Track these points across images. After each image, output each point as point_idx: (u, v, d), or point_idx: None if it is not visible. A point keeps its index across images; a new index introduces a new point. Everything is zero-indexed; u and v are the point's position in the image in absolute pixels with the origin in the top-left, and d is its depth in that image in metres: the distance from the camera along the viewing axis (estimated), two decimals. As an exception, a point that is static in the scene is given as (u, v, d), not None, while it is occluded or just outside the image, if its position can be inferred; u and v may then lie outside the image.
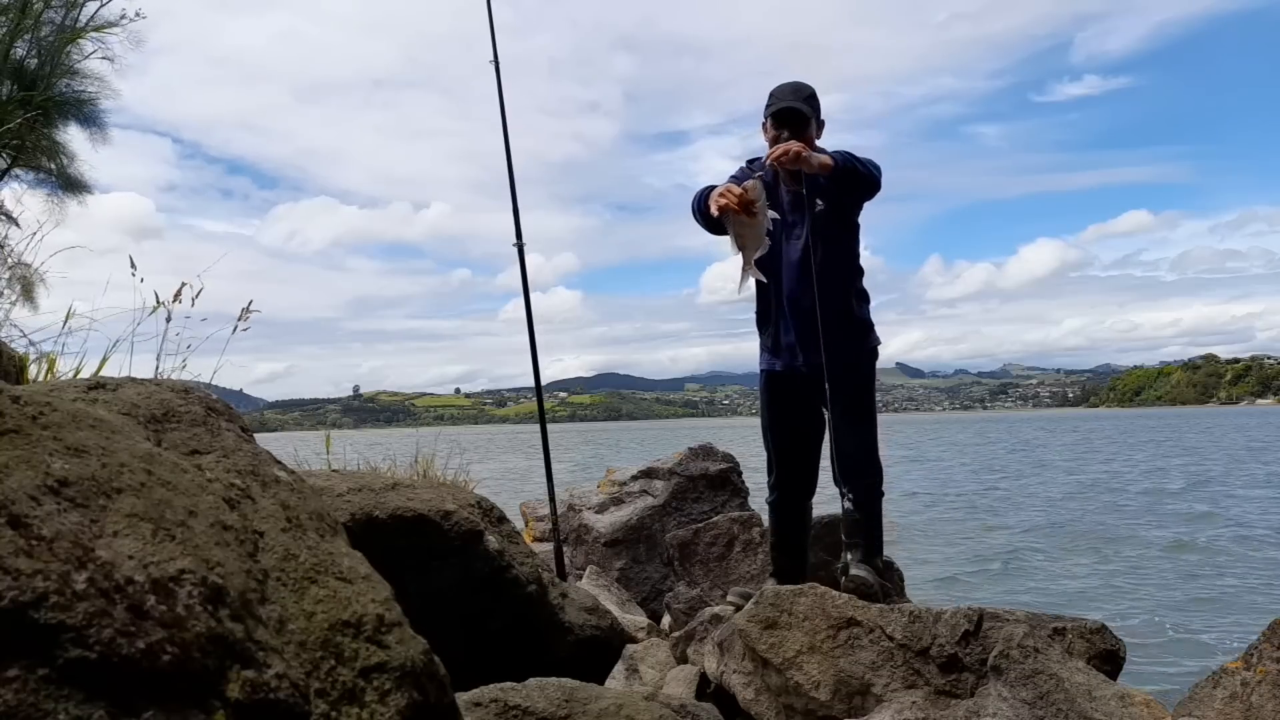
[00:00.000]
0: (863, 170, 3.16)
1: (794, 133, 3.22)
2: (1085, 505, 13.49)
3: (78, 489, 0.87)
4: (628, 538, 4.78)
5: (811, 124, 3.29)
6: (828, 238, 3.29)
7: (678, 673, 3.26)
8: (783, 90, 3.35)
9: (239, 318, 2.84)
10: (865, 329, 3.46)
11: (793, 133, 3.22)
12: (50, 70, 5.26)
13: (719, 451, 5.19)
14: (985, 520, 12.00)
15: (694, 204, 3.32)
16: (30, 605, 0.72)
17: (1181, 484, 16.70)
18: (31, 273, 4.44)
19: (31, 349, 2.46)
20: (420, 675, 1.09)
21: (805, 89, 3.34)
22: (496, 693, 1.75)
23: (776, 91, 3.36)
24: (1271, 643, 2.50)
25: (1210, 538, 9.92)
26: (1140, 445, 32.35)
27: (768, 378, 3.52)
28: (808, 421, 3.42)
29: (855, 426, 3.36)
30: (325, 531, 1.20)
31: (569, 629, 2.60)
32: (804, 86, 3.35)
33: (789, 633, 2.76)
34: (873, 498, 3.38)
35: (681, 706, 1.94)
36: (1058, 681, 2.36)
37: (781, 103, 3.28)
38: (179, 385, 1.35)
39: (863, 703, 2.63)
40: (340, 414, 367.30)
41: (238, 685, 0.84)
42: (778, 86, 3.37)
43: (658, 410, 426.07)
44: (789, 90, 3.34)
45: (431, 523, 2.21)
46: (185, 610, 0.83)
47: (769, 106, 3.33)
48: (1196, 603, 6.79)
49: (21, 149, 5.31)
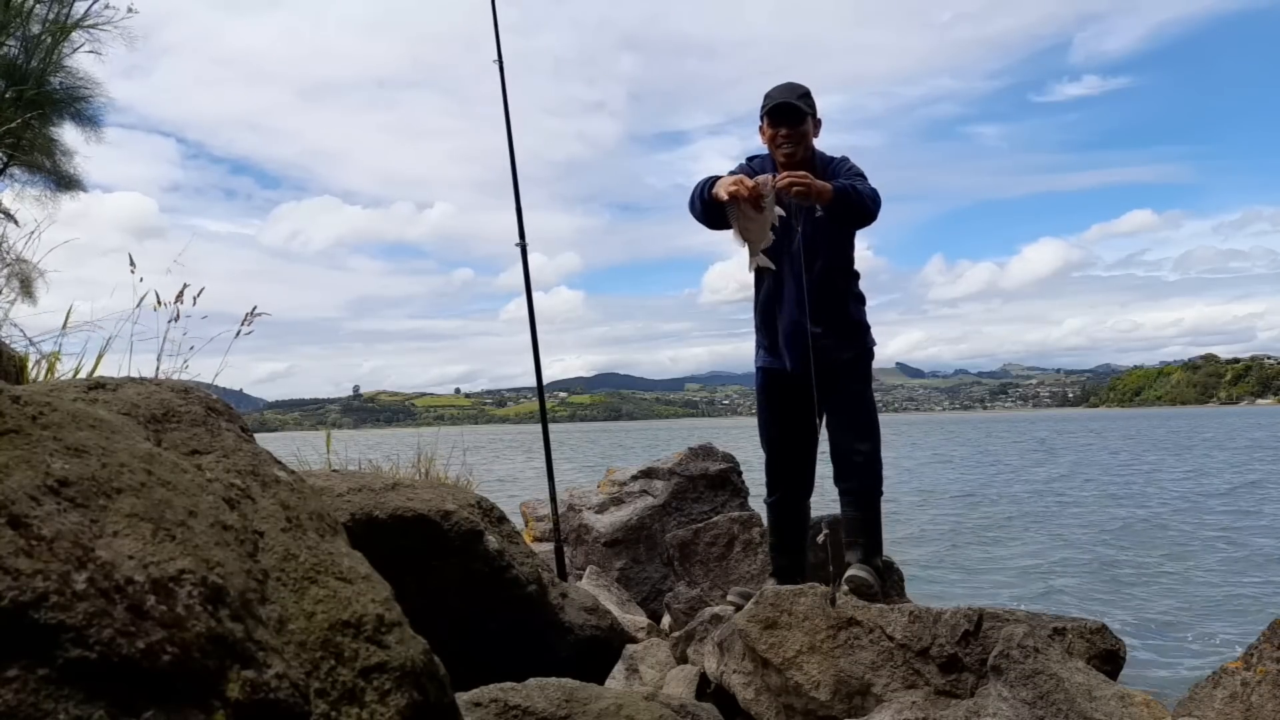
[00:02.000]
0: (857, 206, 3.19)
1: (790, 128, 3.28)
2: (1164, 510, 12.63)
3: (78, 489, 0.87)
4: (628, 538, 4.78)
5: (808, 120, 3.34)
6: (826, 241, 3.32)
7: (678, 673, 3.26)
8: (778, 89, 3.40)
9: (243, 321, 2.84)
10: (861, 330, 3.49)
11: (789, 127, 3.28)
12: (43, 67, 5.26)
13: (719, 451, 5.19)
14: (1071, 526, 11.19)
15: (695, 193, 3.29)
16: (30, 605, 0.72)
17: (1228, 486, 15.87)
18: (30, 269, 4.44)
19: (33, 349, 2.46)
20: (420, 675, 1.09)
21: (800, 88, 3.39)
22: (496, 693, 1.75)
23: (772, 91, 3.41)
24: (1271, 643, 2.49)
25: (1209, 538, 9.92)
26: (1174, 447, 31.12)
27: (765, 376, 3.53)
28: (805, 421, 3.42)
29: (854, 426, 3.38)
30: (325, 531, 1.20)
31: (569, 629, 2.60)
32: (798, 85, 3.40)
33: (789, 633, 2.76)
34: (873, 497, 3.38)
35: (681, 706, 1.94)
36: (1058, 681, 2.36)
37: (777, 99, 3.32)
38: (179, 385, 1.35)
39: (863, 703, 2.63)
40: (340, 414, 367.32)
41: (238, 685, 0.84)
42: (773, 88, 3.42)
43: (658, 410, 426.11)
44: (784, 88, 3.39)
45: (431, 523, 2.21)
46: (185, 610, 0.83)
47: (765, 105, 3.37)
48: (1196, 602, 6.79)
49: (17, 146, 5.31)
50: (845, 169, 3.37)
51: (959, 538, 10.38)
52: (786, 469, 3.48)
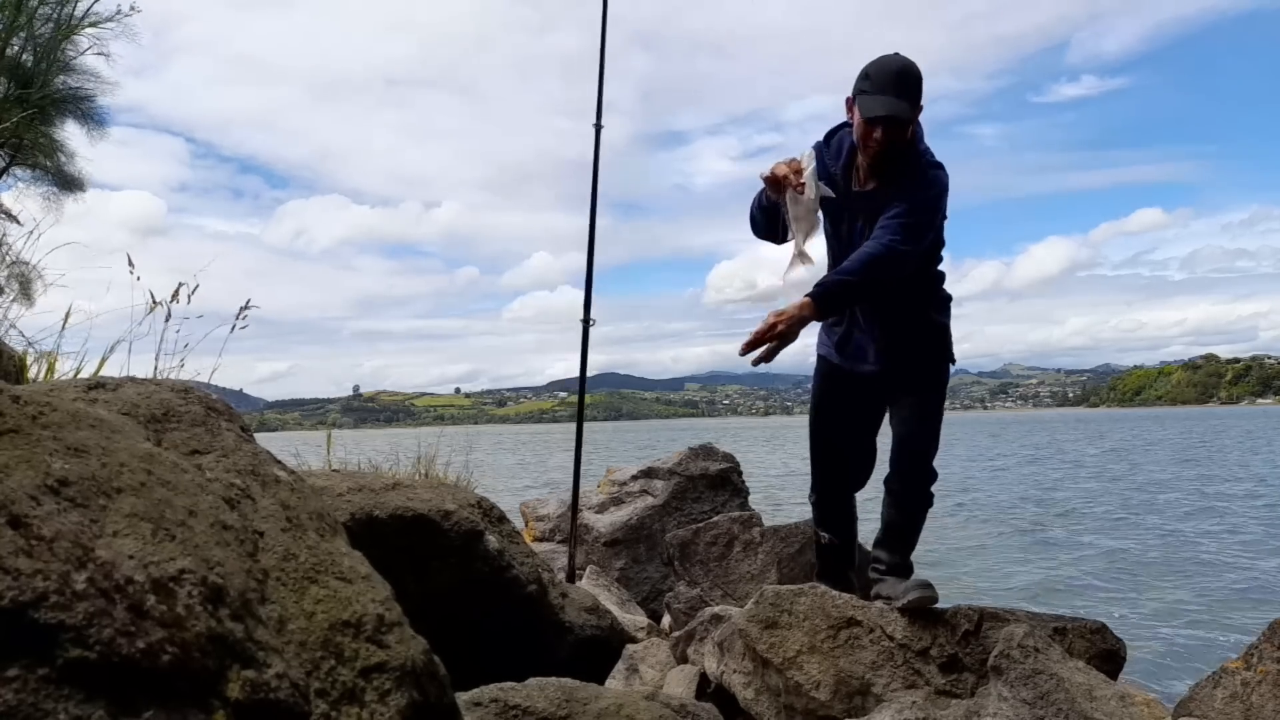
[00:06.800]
0: (857, 287, 2.72)
1: (887, 136, 2.73)
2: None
3: (78, 489, 0.87)
4: (628, 538, 4.79)
5: (910, 129, 2.76)
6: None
7: (678, 673, 3.26)
8: (884, 73, 2.71)
9: (237, 316, 2.85)
10: (942, 334, 3.11)
11: (886, 136, 2.73)
12: (47, 67, 5.27)
13: (719, 451, 5.20)
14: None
15: (753, 206, 2.94)
16: (30, 605, 0.71)
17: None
18: (30, 270, 4.45)
19: (31, 349, 2.46)
20: (420, 675, 1.09)
21: (912, 74, 2.71)
22: (496, 693, 1.75)
23: (875, 74, 2.72)
24: (1272, 643, 2.50)
25: (1209, 536, 9.91)
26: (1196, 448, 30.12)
27: (827, 367, 3.17)
28: (864, 418, 3.14)
29: (919, 430, 3.07)
30: (325, 531, 1.20)
31: (569, 629, 2.60)
32: (910, 70, 2.71)
33: (789, 632, 2.76)
34: (922, 503, 3.12)
35: (681, 706, 1.94)
36: (1058, 681, 2.36)
37: (879, 101, 2.69)
38: (179, 385, 1.35)
39: (863, 703, 2.63)
40: (340, 414, 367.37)
41: (238, 685, 0.84)
42: (877, 65, 2.72)
43: (658, 410, 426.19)
44: (893, 77, 2.69)
45: (431, 523, 2.21)
46: (185, 610, 0.83)
47: (862, 92, 2.75)
48: (1197, 602, 6.79)
49: (19, 147, 5.32)
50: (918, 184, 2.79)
51: (960, 537, 10.38)
52: (830, 463, 3.20)
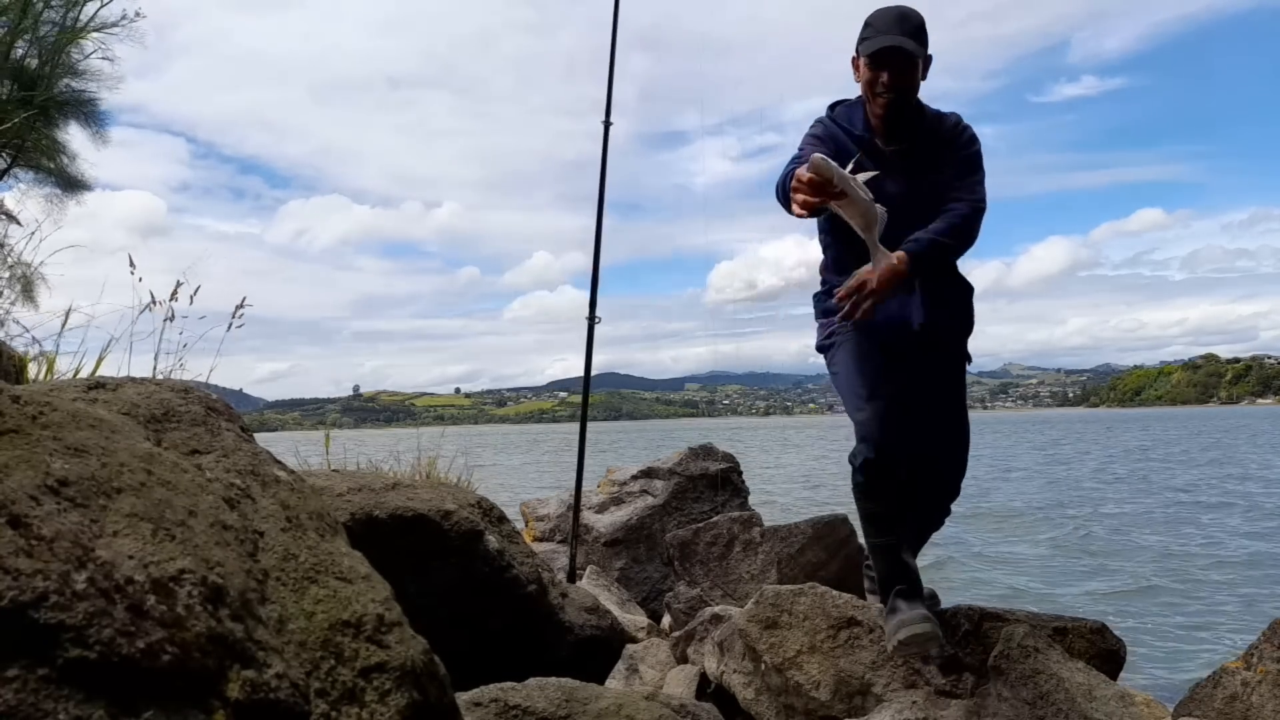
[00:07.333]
0: (949, 253, 2.58)
1: (896, 73, 2.53)
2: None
3: (78, 489, 0.87)
4: (628, 538, 4.79)
5: (919, 66, 2.56)
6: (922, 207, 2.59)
7: (678, 673, 3.26)
8: (884, 18, 2.56)
9: (233, 314, 2.86)
10: (970, 293, 2.86)
11: (894, 74, 2.52)
12: (51, 70, 5.28)
13: (719, 451, 5.20)
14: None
15: (778, 194, 2.56)
16: (30, 605, 0.72)
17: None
18: (31, 271, 4.45)
19: (32, 347, 2.47)
20: (420, 675, 1.09)
21: (913, 17, 2.56)
22: (496, 693, 1.75)
23: (876, 20, 2.57)
24: (1272, 643, 2.50)
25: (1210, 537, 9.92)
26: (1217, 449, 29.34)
27: (862, 326, 2.61)
28: (909, 381, 2.70)
29: (957, 431, 2.81)
30: (325, 531, 1.20)
31: (569, 629, 2.60)
32: (911, 13, 2.56)
33: (789, 633, 2.76)
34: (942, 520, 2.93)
35: (681, 706, 1.94)
36: (1058, 681, 2.36)
37: (882, 38, 2.52)
38: (179, 385, 1.35)
39: (863, 703, 2.63)
40: (340, 414, 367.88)
41: (238, 685, 0.84)
42: (877, 13, 2.59)
43: (658, 410, 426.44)
44: (893, 18, 2.54)
45: (431, 523, 2.21)
46: (185, 610, 0.83)
47: (865, 39, 2.58)
48: (1197, 602, 6.78)
49: (21, 149, 5.33)
50: (961, 143, 2.64)
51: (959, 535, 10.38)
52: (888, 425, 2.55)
